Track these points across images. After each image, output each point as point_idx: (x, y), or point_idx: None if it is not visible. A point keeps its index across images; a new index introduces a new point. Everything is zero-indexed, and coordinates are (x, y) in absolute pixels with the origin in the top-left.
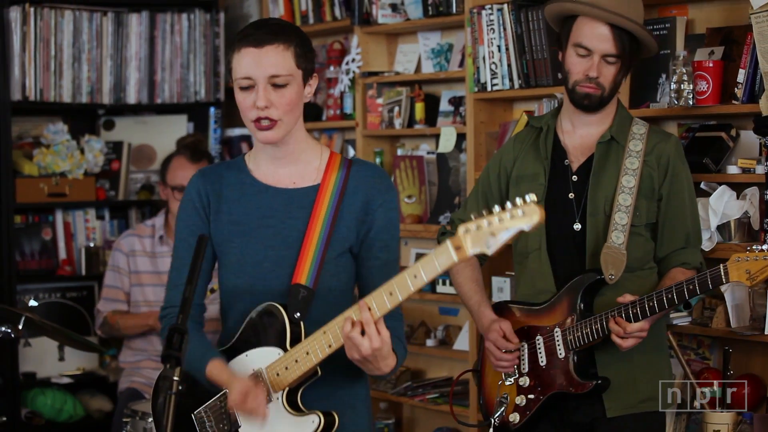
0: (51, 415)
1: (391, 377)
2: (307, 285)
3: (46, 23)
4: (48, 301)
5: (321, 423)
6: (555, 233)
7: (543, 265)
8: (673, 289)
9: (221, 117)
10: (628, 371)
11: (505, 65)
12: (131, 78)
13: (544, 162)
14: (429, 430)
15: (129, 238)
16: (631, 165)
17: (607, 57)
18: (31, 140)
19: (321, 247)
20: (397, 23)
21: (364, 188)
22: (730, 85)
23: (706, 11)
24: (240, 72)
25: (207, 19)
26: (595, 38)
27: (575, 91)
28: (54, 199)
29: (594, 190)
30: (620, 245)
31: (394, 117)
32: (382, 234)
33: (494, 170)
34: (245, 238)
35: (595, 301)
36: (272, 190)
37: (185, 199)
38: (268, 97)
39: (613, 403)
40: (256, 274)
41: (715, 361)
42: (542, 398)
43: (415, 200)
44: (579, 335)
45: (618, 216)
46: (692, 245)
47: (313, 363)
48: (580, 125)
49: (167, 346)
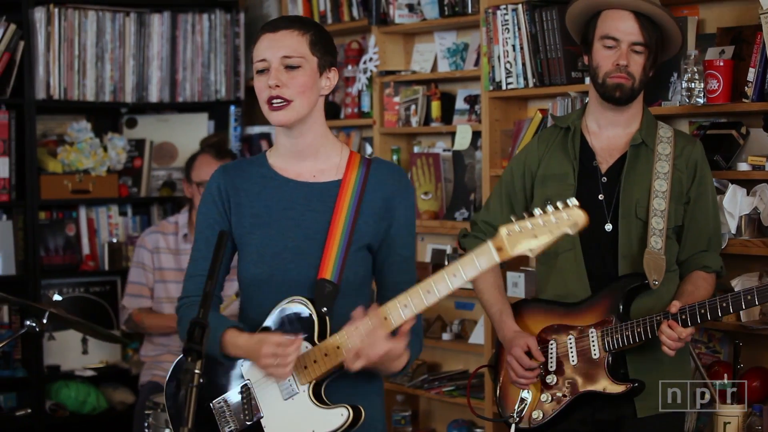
0: (74, 407)
1: (408, 370)
2: (331, 280)
3: (70, 23)
4: (72, 295)
5: (350, 416)
6: (586, 234)
7: (578, 265)
8: (728, 298)
9: (241, 115)
10: (658, 374)
11: (519, 64)
12: (153, 77)
13: (573, 162)
14: (445, 422)
15: (153, 235)
16: (662, 169)
17: (634, 46)
18: (55, 138)
19: (344, 243)
20: (413, 23)
21: (384, 186)
22: (740, 84)
23: (717, 11)
24: (257, 56)
25: (227, 19)
26: (621, 28)
27: (606, 84)
28: (78, 195)
29: (627, 192)
30: (659, 250)
31: (411, 115)
32: (401, 231)
33: (518, 170)
34: (266, 229)
35: (633, 304)
36: (293, 183)
37: (206, 194)
38: (279, 77)
39: (643, 403)
40: (275, 264)
41: (726, 355)
42: (571, 397)
43: (431, 197)
44: (619, 337)
45: (654, 221)
46: (713, 248)
47: (344, 357)
48: (607, 126)
49: (188, 340)
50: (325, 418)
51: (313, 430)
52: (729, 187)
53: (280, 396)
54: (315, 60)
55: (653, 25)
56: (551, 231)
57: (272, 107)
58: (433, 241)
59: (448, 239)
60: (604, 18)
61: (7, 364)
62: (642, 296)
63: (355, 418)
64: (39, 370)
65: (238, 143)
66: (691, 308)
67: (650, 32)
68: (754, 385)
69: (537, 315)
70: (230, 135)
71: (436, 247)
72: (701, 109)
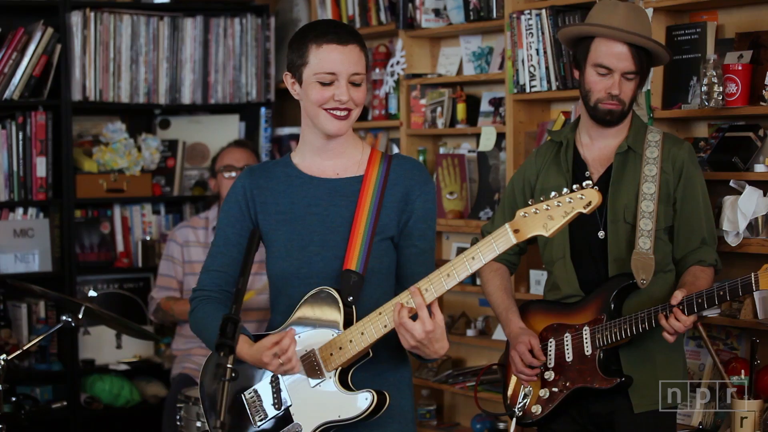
0: (109, 399)
1: (433, 365)
2: (357, 271)
3: (105, 27)
4: (106, 291)
5: (374, 400)
6: (580, 242)
7: (568, 272)
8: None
9: (271, 116)
10: (651, 370)
11: (542, 68)
12: (186, 79)
13: (565, 175)
14: (469, 416)
15: (183, 229)
16: (650, 172)
17: (626, 74)
18: (90, 138)
19: (368, 234)
20: (439, 27)
21: (404, 180)
22: (758, 87)
23: (736, 17)
24: (323, 67)
25: (258, 23)
26: (614, 57)
27: (597, 108)
28: (112, 194)
29: (614, 199)
30: (648, 250)
31: (437, 117)
32: (420, 223)
33: (518, 184)
34: (292, 225)
35: (624, 303)
36: (317, 180)
37: (230, 193)
38: (348, 93)
39: (639, 399)
40: (302, 257)
41: (743, 352)
42: (566, 392)
43: (456, 196)
44: (608, 334)
45: (643, 222)
46: (708, 244)
47: (368, 343)
48: (598, 138)
49: (221, 335)
50: (351, 402)
51: (339, 415)
52: (746, 188)
53: (308, 384)
54: (366, 74)
55: (643, 50)
56: (566, 211)
57: (335, 116)
58: (458, 240)
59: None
60: (598, 44)
61: (43, 358)
62: (632, 295)
63: (379, 403)
64: (74, 364)
65: (268, 144)
66: (689, 299)
67: (642, 59)
68: None
69: (539, 315)
70: (260, 136)
71: (461, 246)
72: (720, 112)
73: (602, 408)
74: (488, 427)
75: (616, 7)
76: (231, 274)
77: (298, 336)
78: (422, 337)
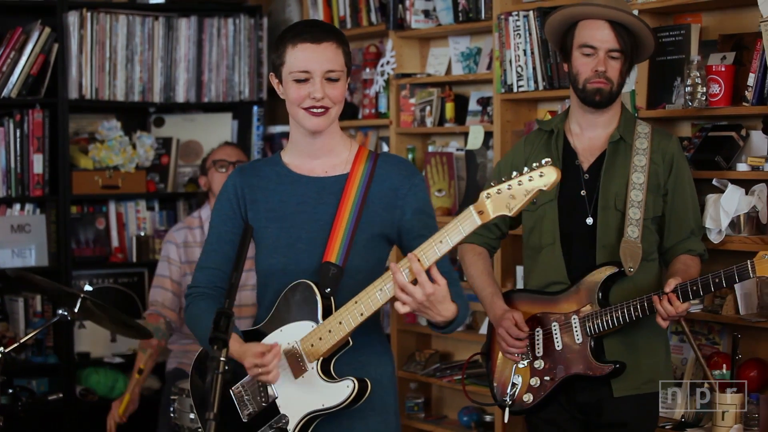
0: (103, 392)
1: (420, 359)
2: (336, 263)
3: (101, 27)
4: (101, 286)
5: (355, 388)
6: (568, 229)
7: (556, 258)
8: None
9: (264, 115)
10: (634, 355)
11: (530, 68)
12: (180, 78)
13: (556, 163)
14: (456, 409)
15: (181, 231)
16: (639, 162)
17: (611, 52)
18: (86, 136)
19: (350, 229)
20: (429, 28)
21: (391, 177)
22: (741, 88)
23: (719, 19)
24: (297, 66)
25: (251, 23)
26: (598, 36)
27: (586, 89)
28: (107, 191)
29: (606, 186)
30: (636, 239)
31: (426, 116)
32: (418, 215)
33: (505, 169)
34: (281, 222)
35: (611, 291)
36: (305, 179)
37: (221, 192)
38: (324, 89)
39: (620, 384)
40: (289, 254)
41: (725, 346)
42: (558, 380)
43: (444, 194)
44: (599, 322)
45: (632, 211)
46: (696, 234)
47: (346, 332)
48: (588, 127)
49: (215, 329)
50: (333, 391)
51: (323, 404)
52: (728, 187)
53: (292, 375)
54: (346, 71)
55: (627, 31)
56: (527, 190)
57: (312, 113)
58: None
59: None
60: (581, 28)
61: (39, 350)
62: (619, 283)
63: (361, 390)
64: (70, 357)
65: (260, 142)
66: (683, 286)
67: (625, 39)
68: (752, 375)
69: (524, 304)
70: (253, 134)
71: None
72: (703, 112)
73: (589, 397)
74: (475, 419)
75: None
76: (224, 270)
77: (281, 330)
78: (423, 299)
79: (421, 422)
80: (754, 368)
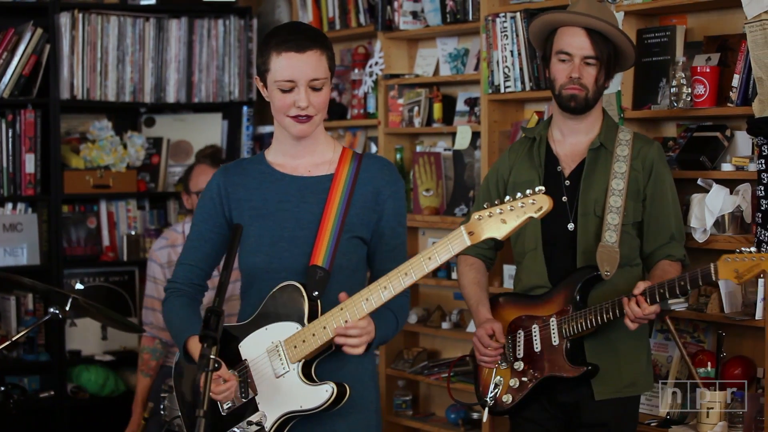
0: (94, 389)
1: (408, 356)
2: (323, 266)
3: (93, 28)
4: (92, 284)
5: (334, 392)
6: (550, 234)
7: (538, 263)
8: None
9: (253, 115)
10: (614, 359)
11: (517, 69)
12: (171, 79)
13: (538, 169)
14: (444, 406)
15: (164, 250)
16: (619, 169)
17: (586, 59)
18: (78, 136)
19: (336, 231)
20: (417, 29)
21: (374, 179)
22: (726, 89)
23: (704, 20)
24: (282, 75)
25: (241, 24)
26: (573, 43)
27: (562, 95)
28: (99, 190)
29: (585, 193)
30: (613, 244)
31: (414, 116)
32: (391, 222)
33: (493, 180)
34: (263, 221)
35: (589, 294)
36: (288, 177)
37: (205, 191)
38: (308, 98)
39: (601, 387)
40: (272, 252)
41: (710, 344)
42: (535, 381)
43: (432, 193)
44: (574, 324)
45: (610, 217)
46: (676, 240)
47: (329, 337)
48: (569, 134)
49: (204, 327)
50: (312, 394)
51: (300, 406)
52: (713, 186)
53: (273, 374)
54: (329, 75)
55: (605, 39)
56: (518, 216)
57: (298, 120)
58: (434, 235)
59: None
60: (560, 35)
61: (31, 348)
62: (599, 287)
63: (339, 395)
64: (61, 355)
65: (250, 142)
66: (651, 289)
67: (602, 46)
68: (736, 373)
69: (508, 307)
70: (242, 134)
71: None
72: (688, 113)
73: (569, 397)
74: (462, 417)
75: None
76: (202, 268)
77: (266, 329)
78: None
79: (408, 419)
80: (738, 366)
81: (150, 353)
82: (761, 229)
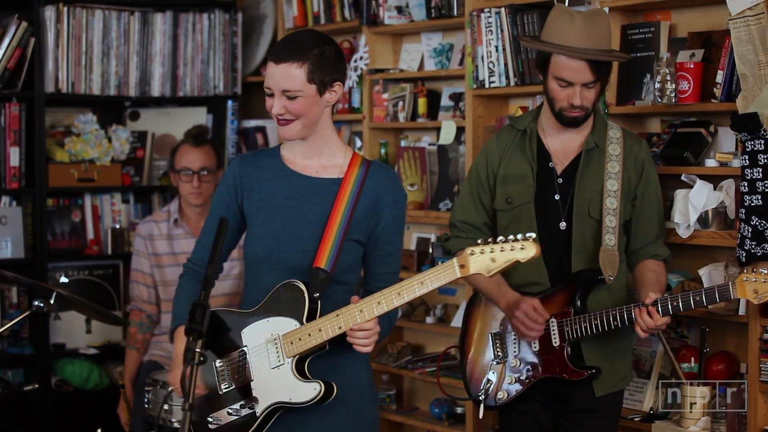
0: (78, 383)
1: (392, 351)
2: (326, 269)
3: (78, 21)
4: (77, 278)
5: (321, 391)
6: (543, 232)
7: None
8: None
9: (238, 109)
10: (609, 357)
11: (501, 64)
12: (155, 72)
13: (531, 163)
14: (428, 400)
15: (147, 224)
16: (613, 169)
17: (586, 84)
18: (62, 129)
19: (340, 236)
20: (402, 24)
21: (377, 188)
22: (710, 85)
23: (688, 16)
24: (266, 82)
25: (226, 18)
26: (573, 72)
27: (562, 115)
28: (83, 183)
29: (580, 193)
30: (613, 246)
31: (399, 111)
32: (388, 230)
33: (483, 169)
34: (269, 214)
35: (589, 297)
36: (297, 175)
37: (224, 178)
38: (282, 105)
39: (600, 384)
40: (272, 245)
41: (693, 340)
42: (533, 380)
43: (417, 188)
44: (578, 328)
45: (608, 219)
46: (660, 238)
47: (323, 339)
48: (561, 131)
49: (190, 320)
50: (301, 389)
51: (290, 398)
52: (696, 182)
53: (269, 364)
54: (313, 87)
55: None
56: (506, 258)
57: (280, 123)
58: (419, 230)
59: (432, 228)
60: (557, 60)
61: (15, 342)
62: (596, 290)
63: (326, 393)
64: (45, 348)
65: (234, 136)
66: (663, 300)
67: (601, 67)
68: (719, 368)
69: None
70: (227, 128)
71: (421, 236)
72: (672, 108)
73: (563, 390)
74: (446, 411)
75: (572, 18)
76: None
77: (267, 320)
78: None
79: (392, 414)
80: (721, 361)
81: (137, 327)
82: (744, 225)
